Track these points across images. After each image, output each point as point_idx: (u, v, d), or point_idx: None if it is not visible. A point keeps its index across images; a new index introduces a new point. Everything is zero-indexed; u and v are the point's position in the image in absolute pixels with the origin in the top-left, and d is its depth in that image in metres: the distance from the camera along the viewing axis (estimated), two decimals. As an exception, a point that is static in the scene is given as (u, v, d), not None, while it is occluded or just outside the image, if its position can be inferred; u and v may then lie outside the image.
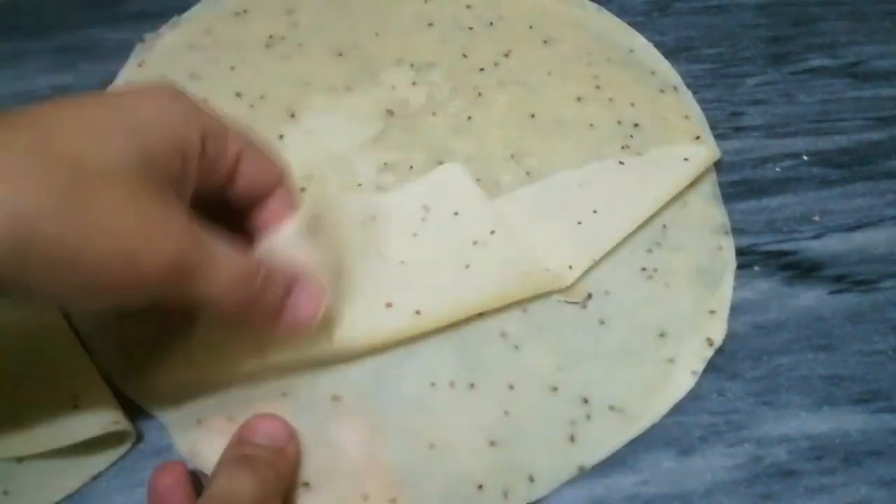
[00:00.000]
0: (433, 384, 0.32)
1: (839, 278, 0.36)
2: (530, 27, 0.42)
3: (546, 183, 0.37)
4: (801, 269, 0.36)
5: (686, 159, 0.37)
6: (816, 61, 0.43)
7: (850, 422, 0.33)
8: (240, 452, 0.29)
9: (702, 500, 0.31)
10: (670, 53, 0.42)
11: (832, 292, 0.36)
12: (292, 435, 0.30)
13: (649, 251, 0.36)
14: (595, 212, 0.36)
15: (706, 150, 0.38)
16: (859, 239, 0.37)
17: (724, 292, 0.35)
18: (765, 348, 0.34)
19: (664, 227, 0.37)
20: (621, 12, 0.44)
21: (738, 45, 0.43)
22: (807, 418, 0.33)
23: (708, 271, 0.36)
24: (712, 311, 0.35)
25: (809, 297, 0.35)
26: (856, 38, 0.44)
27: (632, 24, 0.43)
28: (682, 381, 0.33)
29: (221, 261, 0.26)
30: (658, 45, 0.42)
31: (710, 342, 0.34)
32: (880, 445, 0.32)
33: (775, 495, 0.31)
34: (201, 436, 0.31)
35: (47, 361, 0.32)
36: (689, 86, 0.41)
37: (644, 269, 0.35)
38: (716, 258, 0.36)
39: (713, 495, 0.31)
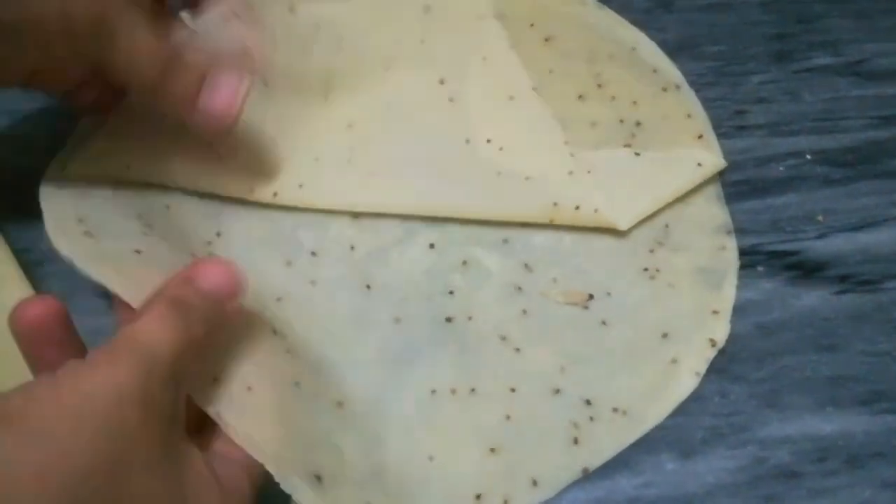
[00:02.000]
0: (434, 391, 0.32)
1: (843, 278, 0.36)
2: (531, 25, 0.42)
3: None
4: (804, 270, 0.36)
5: (699, 164, 0.37)
6: (820, 59, 0.42)
7: (854, 423, 0.32)
8: (178, 292, 0.26)
9: (704, 502, 0.31)
10: (673, 51, 0.42)
11: (836, 293, 0.35)
12: (239, 291, 0.28)
13: (651, 251, 0.36)
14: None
15: (716, 159, 0.38)
16: (863, 239, 0.37)
17: (727, 292, 0.35)
18: (768, 349, 0.34)
19: (666, 226, 0.36)
20: (624, 9, 0.43)
21: (742, 42, 0.43)
22: (810, 420, 0.32)
23: (711, 271, 0.35)
24: (715, 312, 0.34)
25: (813, 298, 0.35)
26: (860, 36, 0.43)
27: (634, 22, 0.43)
28: (686, 382, 0.33)
29: (139, 34, 0.29)
30: (660, 43, 0.42)
31: (712, 343, 0.34)
32: (884, 447, 0.32)
33: (778, 497, 0.31)
34: None
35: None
36: (691, 84, 0.41)
37: (646, 269, 0.35)
38: (718, 258, 0.36)
39: (715, 497, 0.31)
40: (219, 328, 0.27)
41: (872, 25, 0.44)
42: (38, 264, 0.35)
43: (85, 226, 0.32)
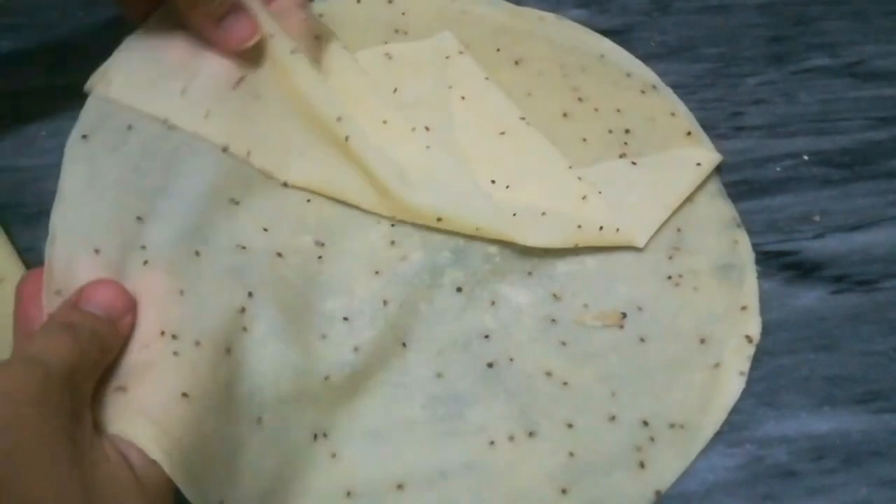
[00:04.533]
0: (492, 442, 0.31)
1: (840, 278, 0.36)
2: (497, 50, 0.41)
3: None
4: (801, 270, 0.36)
5: (699, 164, 0.37)
6: (817, 61, 0.43)
7: (851, 422, 0.32)
8: (66, 317, 0.27)
9: (703, 500, 0.31)
10: (671, 53, 0.42)
11: (833, 292, 0.36)
12: (130, 308, 0.28)
13: (670, 258, 0.36)
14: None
15: (713, 155, 0.38)
16: (860, 239, 0.37)
17: (751, 286, 0.35)
18: (765, 349, 0.34)
19: (678, 230, 0.36)
20: (622, 12, 0.44)
21: (739, 44, 0.43)
22: (807, 419, 0.33)
23: (730, 267, 0.36)
24: (744, 308, 0.35)
25: (810, 298, 0.35)
26: (856, 37, 0.44)
27: (632, 25, 0.43)
28: (733, 384, 0.33)
29: None
30: (659, 45, 0.42)
31: (749, 339, 0.34)
32: (881, 446, 0.32)
33: (776, 495, 0.31)
34: None
35: None
36: (689, 85, 0.41)
37: (669, 277, 0.35)
38: (734, 253, 0.36)
39: (714, 496, 0.31)
40: (116, 345, 0.28)
41: (869, 27, 0.44)
42: (40, 263, 0.35)
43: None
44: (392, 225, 0.36)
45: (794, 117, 0.41)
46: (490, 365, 0.33)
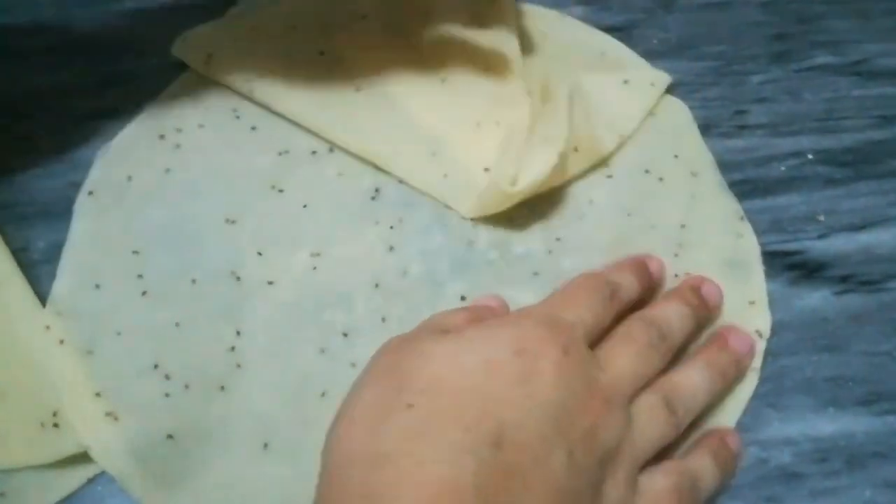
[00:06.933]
0: None
1: (844, 279, 0.36)
2: None
3: None
4: (805, 270, 0.36)
5: (653, 84, 0.39)
6: (821, 59, 0.42)
7: (855, 423, 0.32)
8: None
9: (706, 502, 0.30)
10: (673, 51, 0.42)
11: (837, 293, 0.35)
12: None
13: (676, 255, 0.35)
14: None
15: (664, 74, 0.39)
16: (864, 239, 0.37)
17: (758, 280, 0.35)
18: (769, 349, 0.34)
19: (683, 226, 0.36)
20: (625, 9, 0.43)
21: (742, 42, 0.43)
22: (811, 420, 0.32)
23: (736, 262, 0.35)
24: (752, 302, 0.34)
25: (814, 298, 0.35)
26: (860, 36, 0.43)
27: (634, 22, 0.43)
28: (747, 380, 0.33)
29: None
30: (661, 42, 0.42)
31: (759, 334, 0.34)
32: (885, 447, 0.32)
33: (779, 498, 0.31)
34: None
35: (30, 376, 0.31)
36: (692, 83, 0.41)
37: (676, 275, 0.35)
38: (739, 247, 0.36)
39: (717, 498, 0.31)
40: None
41: (873, 25, 0.44)
42: (34, 264, 0.35)
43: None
44: (391, 227, 0.36)
45: (797, 116, 0.40)
46: None
